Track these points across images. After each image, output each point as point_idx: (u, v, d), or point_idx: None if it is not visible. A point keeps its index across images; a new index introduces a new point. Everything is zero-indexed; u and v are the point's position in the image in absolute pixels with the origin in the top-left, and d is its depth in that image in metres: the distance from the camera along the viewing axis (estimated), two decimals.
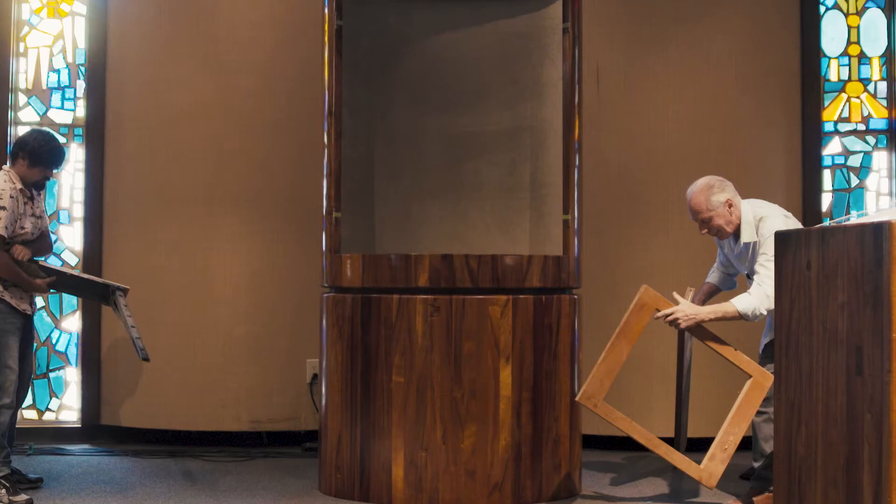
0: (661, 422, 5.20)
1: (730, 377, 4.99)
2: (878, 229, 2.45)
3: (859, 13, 5.72)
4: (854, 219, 2.90)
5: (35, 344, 5.09)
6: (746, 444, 4.29)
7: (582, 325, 3.94)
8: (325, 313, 3.96)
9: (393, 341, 3.78)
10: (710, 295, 4.48)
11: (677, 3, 5.61)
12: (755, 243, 4.13)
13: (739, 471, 4.61)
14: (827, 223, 5.09)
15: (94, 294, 4.82)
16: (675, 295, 4.15)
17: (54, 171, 4.62)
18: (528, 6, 3.83)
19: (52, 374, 5.69)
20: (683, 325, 4.05)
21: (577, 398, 3.95)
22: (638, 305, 4.04)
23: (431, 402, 3.85)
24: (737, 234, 4.22)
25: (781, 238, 2.95)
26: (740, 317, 4.00)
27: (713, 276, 4.50)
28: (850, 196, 5.66)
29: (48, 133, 4.64)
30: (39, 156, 4.45)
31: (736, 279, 4.51)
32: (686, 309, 4.06)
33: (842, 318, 2.61)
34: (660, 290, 5.53)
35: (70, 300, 5.68)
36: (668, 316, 4.05)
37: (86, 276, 4.84)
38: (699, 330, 4.09)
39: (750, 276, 4.22)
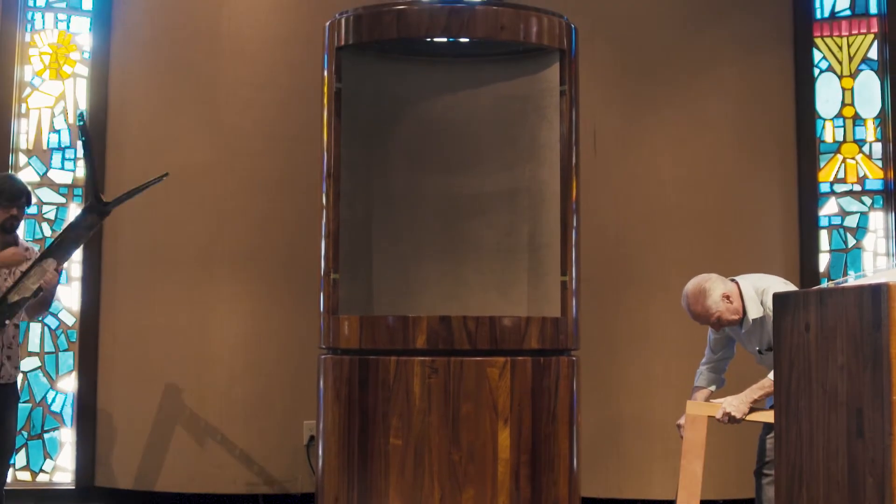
0: (661, 481, 5.16)
1: (744, 439, 4.96)
2: (877, 291, 2.44)
3: (853, 75, 5.78)
4: (852, 280, 2.90)
5: (30, 405, 5.07)
6: None
7: (581, 387, 3.92)
8: (323, 375, 3.94)
9: (391, 403, 3.75)
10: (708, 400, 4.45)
11: (673, 65, 5.67)
12: (765, 317, 4.12)
13: None
14: (825, 284, 5.09)
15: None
16: (712, 401, 4.21)
17: (16, 208, 4.37)
18: (526, 69, 3.87)
19: (46, 435, 5.64)
20: (740, 415, 4.07)
21: None
22: (689, 421, 4.11)
23: (429, 465, 3.81)
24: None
25: (780, 300, 2.95)
26: None
27: (704, 379, 4.45)
28: (847, 256, 5.67)
29: (4, 173, 4.62)
30: None
31: (724, 377, 4.48)
32: (733, 401, 4.09)
33: (841, 379, 2.59)
34: (658, 352, 5.52)
35: (66, 360, 5.66)
36: (723, 417, 4.08)
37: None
38: (753, 414, 4.12)
39: (762, 352, 4.21)
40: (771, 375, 4.05)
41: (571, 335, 3.84)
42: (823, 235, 5.69)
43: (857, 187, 5.72)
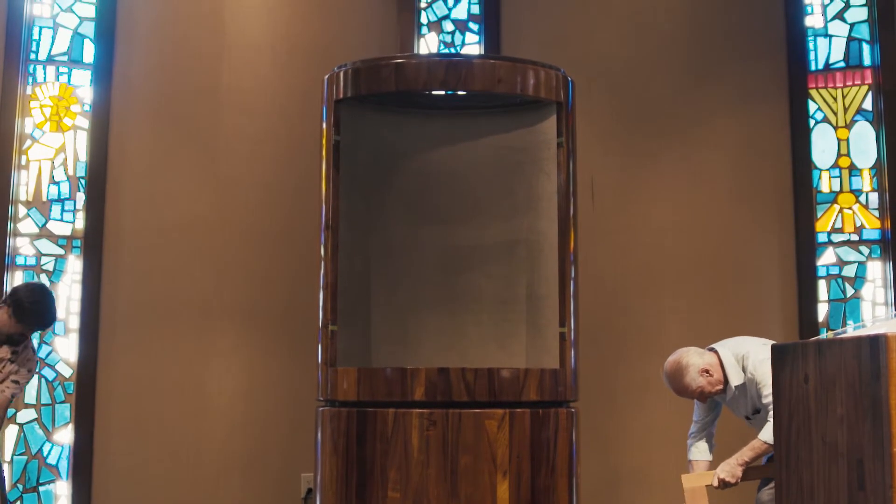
0: None
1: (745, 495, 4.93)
2: (875, 342, 2.44)
3: (848, 126, 5.82)
4: (851, 330, 2.90)
5: (26, 457, 5.02)
6: None
7: (580, 439, 3.89)
8: (320, 427, 3.92)
9: (389, 456, 3.72)
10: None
11: (669, 117, 5.72)
12: (747, 382, 4.14)
13: None
14: (824, 334, 5.08)
15: None
16: (707, 471, 4.24)
17: (36, 331, 4.53)
18: (523, 121, 3.89)
19: (41, 488, 5.60)
20: (735, 480, 4.08)
21: None
22: (689, 495, 4.11)
23: None
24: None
25: (778, 351, 2.94)
26: (770, 447, 4.01)
27: (698, 452, 4.43)
28: (846, 306, 5.67)
29: (42, 291, 4.50)
30: (23, 311, 4.37)
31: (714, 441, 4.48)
32: (725, 467, 4.12)
33: (841, 431, 2.58)
34: (658, 403, 5.49)
35: (63, 412, 5.63)
36: (719, 484, 4.09)
37: None
38: (747, 473, 4.12)
39: (749, 418, 4.21)
40: (761, 436, 4.05)
41: (570, 387, 3.83)
42: (822, 285, 5.70)
43: (855, 237, 5.74)
